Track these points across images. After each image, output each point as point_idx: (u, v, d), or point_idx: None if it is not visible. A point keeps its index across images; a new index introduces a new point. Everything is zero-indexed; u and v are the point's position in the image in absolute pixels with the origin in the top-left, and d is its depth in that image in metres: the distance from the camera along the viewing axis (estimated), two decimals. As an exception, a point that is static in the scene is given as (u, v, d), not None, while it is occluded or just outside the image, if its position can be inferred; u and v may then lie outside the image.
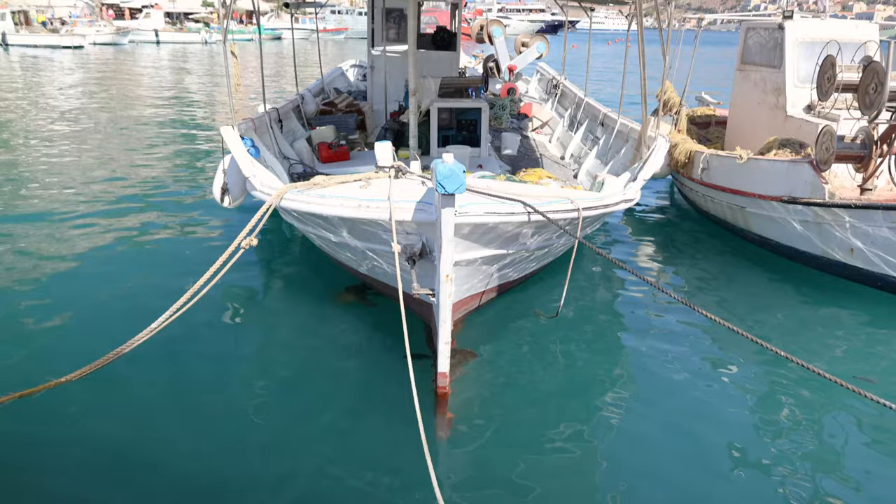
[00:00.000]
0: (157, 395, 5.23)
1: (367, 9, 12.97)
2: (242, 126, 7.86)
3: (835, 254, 7.53)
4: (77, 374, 4.88)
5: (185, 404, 5.15)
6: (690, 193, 10.25)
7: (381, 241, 5.73)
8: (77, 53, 42.89)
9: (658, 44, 7.46)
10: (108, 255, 8.00)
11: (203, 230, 9.00)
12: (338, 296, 7.08)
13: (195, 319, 5.76)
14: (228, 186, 7.61)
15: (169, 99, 22.74)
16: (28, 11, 53.60)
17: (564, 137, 12.56)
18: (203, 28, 62.41)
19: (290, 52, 44.83)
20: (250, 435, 4.83)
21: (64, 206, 9.82)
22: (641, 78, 7.60)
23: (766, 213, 8.11)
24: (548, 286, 7.20)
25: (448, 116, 9.51)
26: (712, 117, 12.24)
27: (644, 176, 6.88)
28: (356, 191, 5.77)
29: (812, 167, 7.22)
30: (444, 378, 5.16)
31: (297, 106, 11.52)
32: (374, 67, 13.12)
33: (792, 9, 9.44)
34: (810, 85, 8.55)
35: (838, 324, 6.86)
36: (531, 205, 5.26)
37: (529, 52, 12.73)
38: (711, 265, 8.42)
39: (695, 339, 6.39)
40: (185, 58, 43.10)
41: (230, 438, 4.79)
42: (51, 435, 4.74)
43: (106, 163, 12.73)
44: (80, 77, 29.34)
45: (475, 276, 5.98)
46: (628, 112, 10.40)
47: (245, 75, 20.92)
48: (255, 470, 4.47)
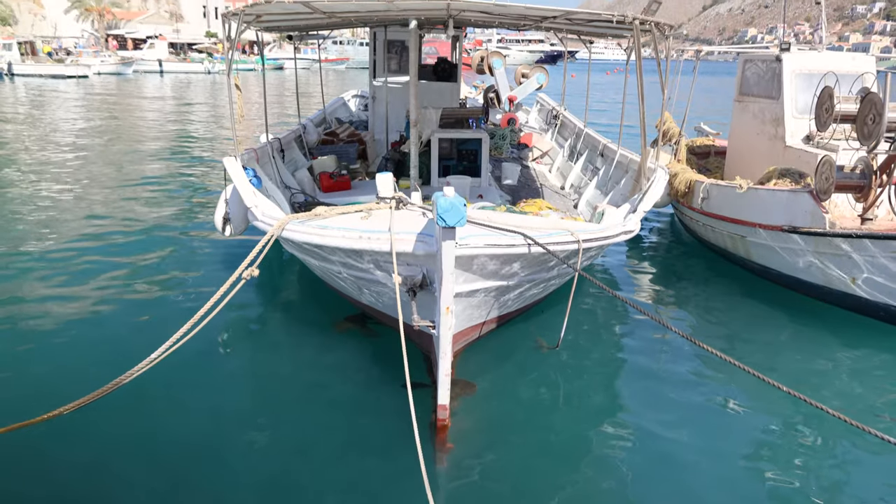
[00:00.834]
0: (155, 427, 5.18)
1: (370, 40, 13.13)
2: (245, 156, 7.90)
3: (836, 284, 7.51)
4: (74, 406, 4.82)
5: (183, 435, 5.10)
6: (690, 222, 10.26)
7: (381, 272, 5.72)
8: (81, 83, 43.35)
9: (657, 73, 7.52)
10: (108, 284, 7.99)
11: (204, 259, 8.99)
12: (337, 325, 7.05)
13: (195, 349, 5.71)
14: (230, 216, 7.62)
15: (171, 128, 22.92)
16: (34, 42, 54.34)
17: (564, 167, 12.62)
18: (206, 58, 63.18)
19: (291, 82, 45.29)
20: (249, 465, 4.77)
21: (65, 234, 9.84)
22: (640, 110, 7.65)
23: (766, 242, 8.10)
24: (548, 316, 7.16)
25: (449, 146, 9.56)
26: (711, 147, 12.31)
27: (644, 207, 6.89)
28: (357, 222, 5.78)
29: (812, 197, 7.23)
30: (444, 410, 5.12)
31: (300, 135, 11.60)
32: (375, 98, 13.24)
33: (789, 41, 9.54)
34: (809, 116, 8.61)
35: (841, 355, 6.81)
36: (531, 237, 5.26)
37: (529, 82, 12.83)
38: (712, 295, 8.39)
39: (696, 370, 6.34)
40: (188, 87, 43.54)
41: (229, 468, 4.73)
42: (45, 468, 4.68)
43: (107, 191, 12.78)
44: (84, 105, 29.61)
45: (475, 308, 5.95)
46: (628, 141, 10.46)
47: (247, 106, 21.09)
48: (254, 501, 4.40)
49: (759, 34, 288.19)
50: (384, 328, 6.65)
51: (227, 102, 25.53)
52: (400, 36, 12.80)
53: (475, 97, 19.76)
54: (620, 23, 6.67)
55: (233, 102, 7.53)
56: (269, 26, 9.82)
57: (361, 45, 74.77)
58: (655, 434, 5.30)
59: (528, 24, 9.88)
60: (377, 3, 6.97)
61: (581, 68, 51.49)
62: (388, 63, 13.00)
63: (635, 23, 6.61)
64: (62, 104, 30.15)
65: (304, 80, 45.76)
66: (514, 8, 7.02)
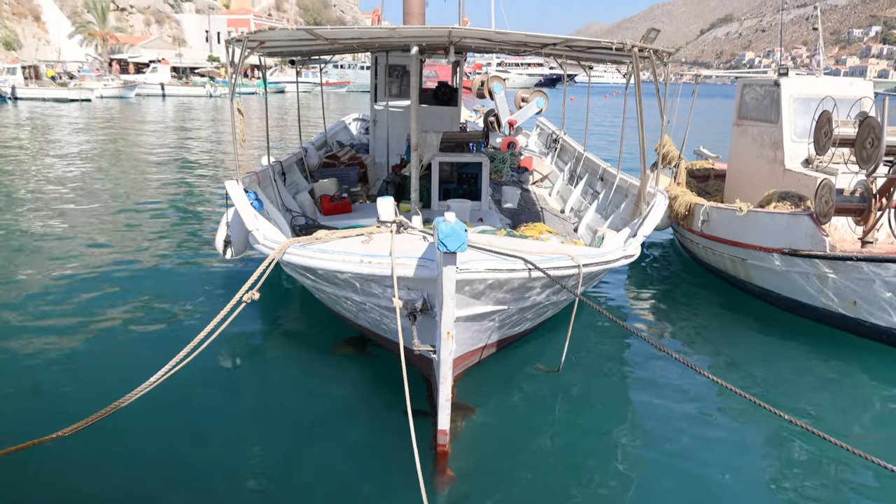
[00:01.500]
0: (153, 451, 5.15)
1: (371, 65, 13.25)
2: (246, 179, 7.94)
3: (837, 307, 7.50)
4: (72, 429, 4.79)
5: (181, 459, 5.07)
6: (691, 245, 10.28)
7: (382, 296, 5.72)
8: (84, 106, 43.65)
9: (655, 96, 7.58)
10: (109, 306, 7.99)
11: (205, 282, 8.99)
12: (336, 347, 7.04)
13: (194, 372, 5.68)
14: (231, 239, 7.64)
15: (172, 151, 23.04)
16: (38, 66, 54.80)
17: (564, 191, 12.66)
18: (208, 82, 63.69)
19: (292, 105, 45.57)
20: (245, 490, 4.74)
21: (65, 257, 9.85)
22: (640, 136, 7.69)
23: (766, 265, 8.11)
24: (549, 340, 7.14)
25: (449, 170, 9.61)
26: (711, 170, 12.36)
27: (644, 232, 6.90)
28: (358, 246, 5.79)
29: (812, 220, 7.25)
30: (444, 436, 5.09)
31: (301, 159, 11.67)
32: (376, 121, 13.33)
33: (786, 64, 9.63)
34: (807, 139, 8.66)
35: (842, 379, 6.78)
36: (532, 261, 5.27)
37: (529, 106, 12.89)
38: (713, 319, 8.37)
39: (699, 396, 6.29)
40: (190, 111, 43.84)
41: (225, 492, 4.70)
42: (42, 493, 4.64)
43: (108, 213, 12.81)
44: (85, 128, 29.80)
45: (476, 332, 5.94)
46: (627, 162, 10.49)
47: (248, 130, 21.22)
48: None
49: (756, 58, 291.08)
50: (383, 351, 6.63)
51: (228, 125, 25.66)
52: (401, 61, 12.92)
53: (475, 121, 19.89)
54: (620, 50, 6.73)
55: (235, 126, 7.58)
56: (272, 51, 9.92)
57: (362, 69, 75.48)
58: (656, 460, 5.26)
59: (529, 50, 9.97)
60: (380, 30, 7.05)
61: (580, 91, 51.86)
62: (389, 87, 13.11)
63: (634, 50, 6.67)
64: (64, 127, 30.34)
65: (304, 103, 46.13)
66: (514, 35, 7.09)
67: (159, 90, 58.67)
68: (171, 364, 5.04)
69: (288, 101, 53.43)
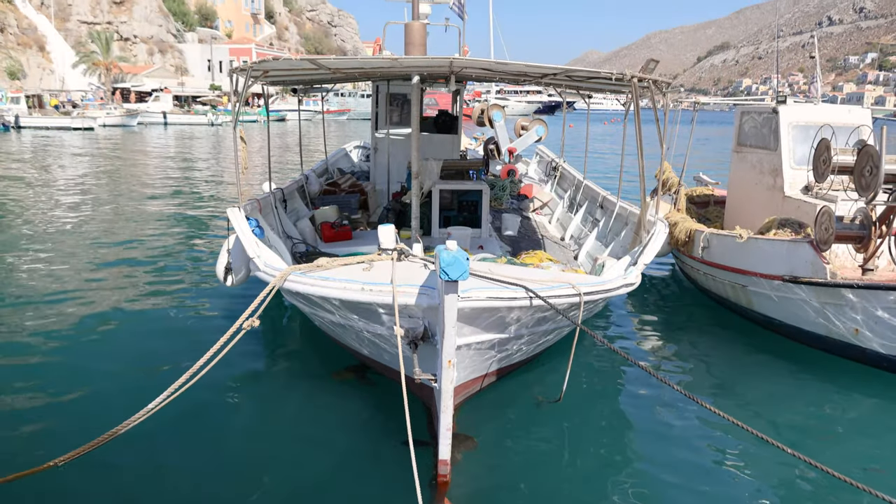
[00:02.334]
0: (150, 479, 5.09)
1: (372, 93, 13.38)
2: (248, 206, 7.97)
3: (839, 334, 7.47)
4: (68, 457, 4.75)
5: (178, 487, 5.02)
6: (691, 271, 10.27)
7: (383, 324, 5.70)
8: (87, 135, 43.98)
9: (654, 122, 7.63)
10: (108, 334, 7.98)
11: (205, 309, 8.98)
12: (335, 375, 7.00)
13: (193, 398, 5.65)
14: (232, 266, 7.64)
15: (173, 178, 23.15)
16: (42, 95, 55.34)
17: (564, 218, 12.70)
18: (210, 110, 64.21)
19: (292, 133, 45.91)
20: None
21: (65, 284, 9.85)
22: (640, 164, 7.72)
23: (767, 292, 8.09)
24: (550, 369, 7.10)
25: (449, 197, 9.65)
26: (711, 197, 12.39)
27: (644, 260, 6.90)
28: (359, 273, 5.79)
29: (812, 247, 7.26)
30: (445, 465, 5.04)
31: (302, 186, 11.72)
32: (377, 149, 13.42)
33: (783, 90, 9.71)
34: (807, 167, 8.70)
35: (847, 409, 6.72)
36: (533, 290, 5.26)
37: (529, 135, 13.02)
38: (714, 346, 8.33)
39: (701, 428, 6.21)
40: (191, 139, 44.14)
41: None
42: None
43: (109, 241, 12.83)
44: (87, 156, 29.99)
45: (476, 360, 5.91)
46: (628, 186, 10.52)
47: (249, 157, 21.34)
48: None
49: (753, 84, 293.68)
50: (382, 379, 6.60)
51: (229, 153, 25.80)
52: (402, 89, 13.04)
53: (475, 149, 20.03)
54: (619, 80, 6.80)
55: (238, 154, 7.63)
56: (275, 80, 10.02)
57: (362, 97, 76.14)
58: (657, 492, 5.20)
59: (529, 79, 10.07)
60: (382, 60, 7.13)
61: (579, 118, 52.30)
62: (389, 115, 13.22)
63: (633, 80, 6.74)
64: (66, 155, 30.53)
65: (304, 131, 46.44)
66: (514, 66, 7.17)
67: (161, 118, 59.17)
68: (170, 391, 5.02)
69: (288, 128, 53.82)
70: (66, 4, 77.47)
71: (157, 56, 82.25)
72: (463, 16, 14.74)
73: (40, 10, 73.42)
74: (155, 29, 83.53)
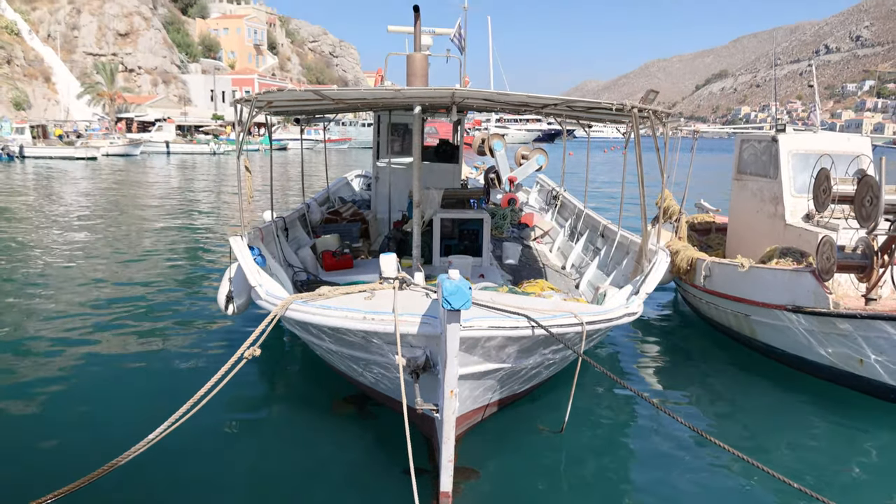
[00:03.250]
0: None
1: (374, 123, 13.49)
2: (250, 235, 7.99)
3: (844, 365, 7.40)
4: (67, 490, 4.69)
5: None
6: (694, 300, 10.25)
7: (384, 353, 5.67)
8: (90, 164, 44.27)
9: (654, 150, 7.66)
10: (108, 362, 7.94)
11: (206, 337, 8.94)
12: (335, 405, 6.94)
13: (192, 429, 5.61)
14: (233, 294, 7.64)
15: (175, 207, 23.23)
16: (46, 126, 55.89)
17: (565, 247, 12.71)
18: (212, 140, 64.72)
19: (293, 161, 46.17)
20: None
21: (67, 311, 9.84)
22: (640, 193, 7.75)
23: (770, 321, 8.05)
24: (552, 399, 7.04)
25: (450, 226, 9.67)
26: (712, 224, 12.40)
27: (646, 289, 6.88)
28: (361, 302, 5.78)
29: (814, 276, 7.23)
30: (447, 498, 4.98)
31: (303, 214, 11.76)
32: (378, 178, 13.49)
33: (781, 118, 9.76)
34: (807, 195, 8.71)
35: (852, 442, 6.63)
36: (535, 319, 5.24)
37: (529, 164, 13.06)
38: (718, 377, 8.26)
39: (705, 459, 6.13)
40: (194, 168, 44.40)
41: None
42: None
43: (110, 269, 12.83)
44: (89, 185, 30.14)
45: (478, 390, 5.87)
46: (629, 212, 10.52)
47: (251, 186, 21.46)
48: None
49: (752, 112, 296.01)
50: (382, 410, 6.54)
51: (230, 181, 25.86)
52: (403, 119, 13.15)
53: (476, 178, 20.11)
54: (619, 110, 6.85)
55: (241, 183, 7.66)
56: (278, 111, 10.10)
57: (363, 126, 76.77)
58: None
59: (529, 110, 10.15)
60: (385, 91, 7.19)
61: (579, 146, 52.52)
62: (391, 145, 13.32)
63: (633, 111, 6.79)
64: (68, 184, 30.70)
65: (306, 159, 46.70)
66: (515, 96, 7.22)
67: (164, 148, 59.65)
68: (171, 421, 4.98)
69: (289, 157, 54.17)
70: (73, 36, 78.69)
71: (161, 86, 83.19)
72: (463, 48, 14.91)
73: (47, 43, 74.54)
74: (159, 60, 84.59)
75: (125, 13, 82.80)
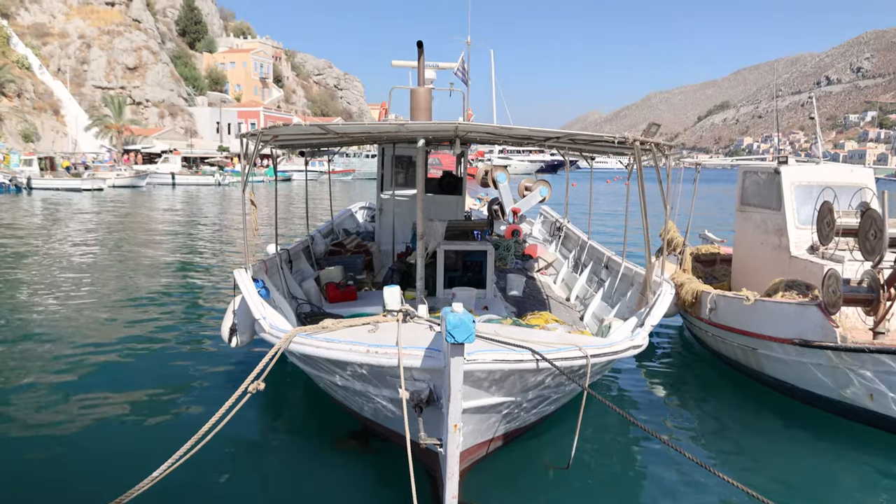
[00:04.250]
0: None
1: (378, 155, 13.59)
2: (254, 267, 8.00)
3: (854, 399, 7.30)
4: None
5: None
6: (700, 333, 10.17)
7: (387, 387, 5.63)
8: (96, 195, 44.62)
9: (656, 181, 7.66)
10: (112, 395, 7.89)
11: (209, 370, 8.90)
12: (338, 440, 6.87)
13: (195, 464, 5.55)
14: (237, 327, 7.62)
15: (180, 238, 23.31)
16: (54, 157, 56.50)
17: (569, 279, 12.68)
18: (217, 171, 65.25)
19: (297, 193, 46.40)
20: None
21: (70, 343, 9.82)
22: (644, 227, 7.74)
23: (778, 355, 7.97)
24: (557, 433, 6.96)
25: (454, 258, 9.67)
26: (717, 255, 12.35)
27: (651, 322, 6.84)
28: (364, 335, 5.76)
29: (821, 310, 7.17)
30: (451, 536, 4.89)
31: (307, 246, 11.78)
32: (382, 210, 13.54)
33: (784, 148, 9.79)
34: (811, 227, 8.67)
35: (866, 477, 6.51)
36: (539, 352, 5.21)
37: (533, 195, 13.19)
38: (726, 411, 8.15)
39: (714, 495, 6.01)
40: (198, 199, 44.67)
41: None
42: None
43: (112, 301, 12.83)
44: (95, 217, 30.31)
45: (483, 424, 5.81)
46: (632, 246, 10.49)
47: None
48: None
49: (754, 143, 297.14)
50: (385, 446, 6.47)
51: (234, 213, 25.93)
52: (407, 151, 13.25)
53: (479, 209, 20.19)
54: (622, 143, 6.89)
55: (246, 216, 7.70)
56: (283, 144, 10.19)
57: (367, 157, 77.35)
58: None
59: (532, 143, 10.22)
60: (389, 125, 7.26)
61: (582, 176, 52.75)
62: (395, 177, 13.40)
63: (636, 144, 6.83)
64: (74, 215, 30.89)
65: (310, 190, 46.97)
66: (518, 130, 7.28)
67: (169, 179, 60.15)
68: (175, 458, 4.93)
69: (294, 189, 54.48)
70: (82, 70, 79.90)
71: (168, 119, 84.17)
72: (467, 81, 15.08)
73: (57, 76, 75.67)
74: (167, 93, 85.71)
75: (134, 48, 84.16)
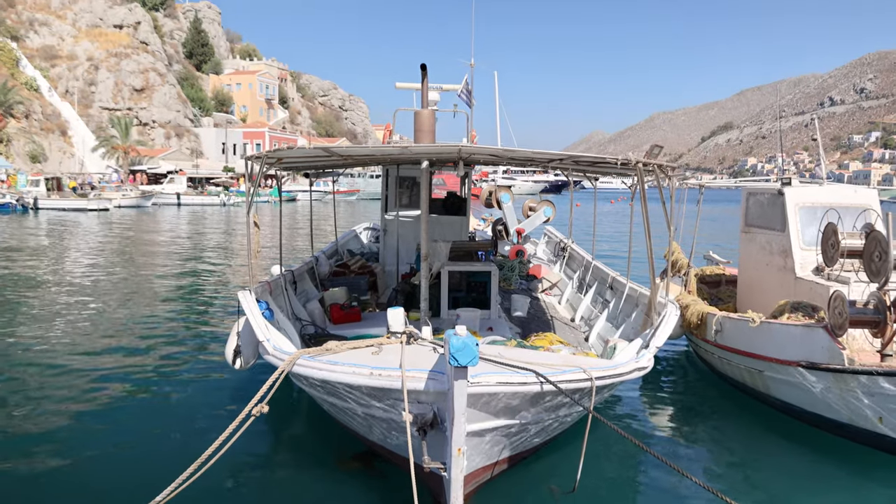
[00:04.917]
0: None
1: (382, 176, 13.64)
2: (258, 289, 8.00)
3: (862, 422, 7.22)
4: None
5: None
6: (706, 355, 10.11)
7: (391, 410, 5.61)
8: (102, 216, 44.85)
9: (660, 201, 7.66)
10: (115, 419, 7.87)
11: (213, 393, 8.87)
12: (342, 463, 6.83)
13: (201, 486, 5.52)
14: (241, 349, 7.62)
15: (184, 259, 23.37)
16: (61, 178, 56.92)
17: (574, 299, 12.65)
18: (222, 191, 65.58)
19: (302, 213, 46.55)
20: None
21: (72, 365, 9.80)
22: (648, 248, 7.74)
23: (784, 377, 7.89)
24: (563, 456, 6.90)
25: (459, 279, 9.67)
26: (722, 276, 12.32)
27: (656, 343, 6.81)
28: (368, 357, 5.75)
29: (827, 332, 7.11)
30: (456, 561, 4.84)
31: (312, 268, 11.79)
32: (386, 231, 13.57)
33: (788, 169, 9.78)
34: (816, 248, 8.65)
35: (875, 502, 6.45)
36: (543, 375, 5.19)
37: (537, 215, 13.16)
38: (733, 434, 8.08)
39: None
40: (203, 219, 44.85)
41: None
42: None
43: (116, 322, 12.83)
44: (100, 237, 30.44)
45: (487, 447, 5.77)
46: (637, 267, 10.47)
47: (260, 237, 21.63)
48: None
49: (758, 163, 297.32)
50: (389, 468, 6.42)
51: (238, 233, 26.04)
52: (411, 172, 13.30)
53: (484, 230, 20.20)
54: (625, 164, 6.91)
55: (250, 238, 7.72)
56: (288, 166, 10.24)
57: (371, 178, 77.63)
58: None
59: (535, 164, 10.25)
60: (393, 148, 7.31)
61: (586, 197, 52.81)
62: (399, 198, 13.44)
63: (639, 165, 6.85)
64: (79, 235, 31.03)
65: (315, 210, 47.13)
66: (521, 152, 7.32)
67: (175, 199, 60.50)
68: (179, 481, 4.92)
69: (298, 209, 54.69)
70: (90, 92, 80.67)
71: (174, 139, 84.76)
72: (471, 103, 15.17)
73: (65, 98, 76.40)
74: (173, 114, 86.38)
75: (141, 70, 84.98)
